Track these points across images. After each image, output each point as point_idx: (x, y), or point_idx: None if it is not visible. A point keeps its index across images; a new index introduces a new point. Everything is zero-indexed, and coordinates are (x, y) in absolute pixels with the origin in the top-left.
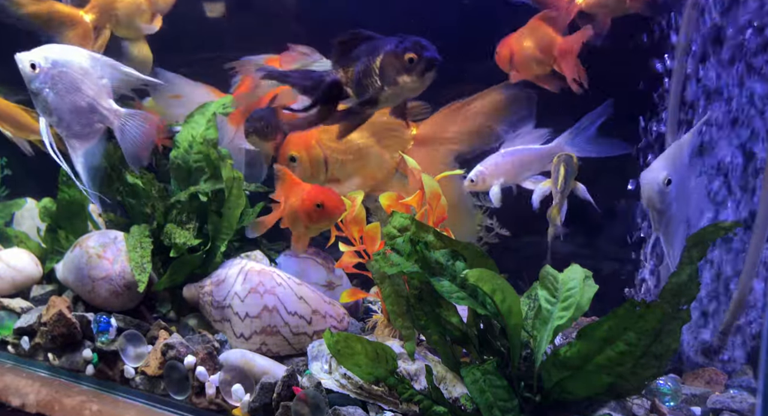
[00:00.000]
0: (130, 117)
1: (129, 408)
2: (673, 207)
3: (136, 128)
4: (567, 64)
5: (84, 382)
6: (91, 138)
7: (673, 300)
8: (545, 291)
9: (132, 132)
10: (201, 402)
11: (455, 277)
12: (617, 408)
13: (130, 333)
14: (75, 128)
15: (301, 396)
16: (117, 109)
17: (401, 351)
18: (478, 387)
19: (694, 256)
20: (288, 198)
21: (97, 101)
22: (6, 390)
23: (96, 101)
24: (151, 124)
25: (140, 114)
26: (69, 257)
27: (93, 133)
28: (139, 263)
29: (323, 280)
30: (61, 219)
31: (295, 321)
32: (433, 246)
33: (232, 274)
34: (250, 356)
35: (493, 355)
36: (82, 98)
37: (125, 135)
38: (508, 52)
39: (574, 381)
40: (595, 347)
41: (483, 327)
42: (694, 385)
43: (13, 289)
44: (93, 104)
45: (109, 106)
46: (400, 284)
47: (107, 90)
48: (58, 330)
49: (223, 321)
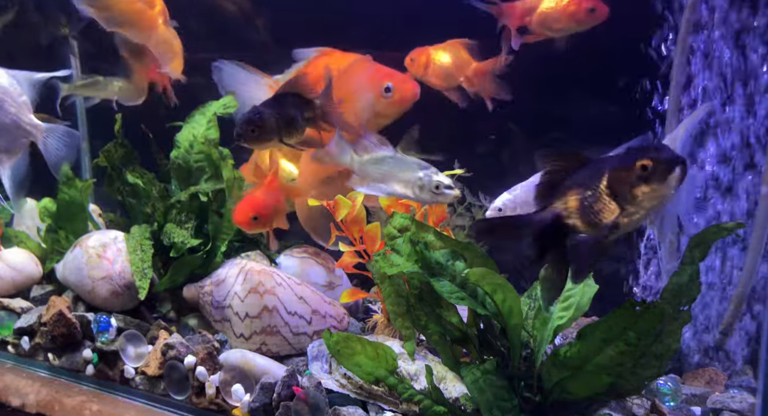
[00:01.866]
0: (52, 131)
1: (129, 408)
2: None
3: (57, 141)
4: (480, 84)
5: (84, 382)
6: (16, 152)
7: (674, 301)
8: None
9: (54, 144)
10: (201, 402)
11: (455, 277)
12: (617, 408)
13: (130, 333)
14: (1, 144)
15: (301, 396)
16: (39, 123)
17: (401, 351)
18: (478, 387)
19: (696, 257)
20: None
21: (20, 118)
22: (6, 390)
23: (18, 118)
24: (72, 139)
25: (61, 129)
26: (69, 257)
27: (18, 147)
28: (140, 268)
29: (323, 280)
30: (61, 219)
31: (295, 321)
32: (433, 246)
33: (232, 274)
34: (250, 356)
35: (493, 355)
36: (6, 115)
37: (48, 147)
38: (426, 60)
39: (574, 381)
40: (595, 347)
41: (483, 327)
42: (694, 385)
43: (13, 289)
44: (16, 121)
45: (31, 122)
46: (400, 284)
47: (28, 106)
48: (58, 330)
49: (223, 321)
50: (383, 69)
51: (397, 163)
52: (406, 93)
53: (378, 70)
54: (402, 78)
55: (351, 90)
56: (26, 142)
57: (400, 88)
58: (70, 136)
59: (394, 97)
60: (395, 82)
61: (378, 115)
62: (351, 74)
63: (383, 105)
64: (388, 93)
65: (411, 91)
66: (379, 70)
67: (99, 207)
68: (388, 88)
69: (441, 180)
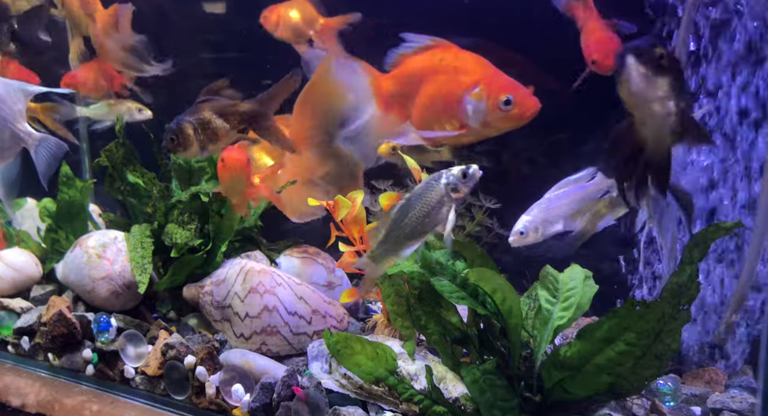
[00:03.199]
0: (44, 140)
1: (129, 408)
2: (667, 198)
3: (47, 151)
4: (326, 39)
5: (84, 382)
6: (8, 156)
7: (673, 301)
8: (545, 291)
9: (44, 153)
10: (201, 402)
11: (455, 277)
12: (617, 408)
13: (130, 333)
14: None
15: (301, 396)
16: (32, 132)
17: (401, 351)
18: (478, 387)
19: (695, 256)
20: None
21: (14, 125)
22: (6, 390)
23: (13, 125)
24: (60, 150)
25: (53, 140)
26: (69, 257)
27: (11, 153)
28: (140, 263)
29: (323, 280)
30: (61, 220)
31: (294, 321)
32: (433, 246)
33: (232, 274)
34: (250, 356)
35: (493, 355)
36: (1, 122)
37: (39, 155)
38: (276, 17)
39: (574, 381)
40: (595, 347)
41: (483, 327)
42: (694, 385)
43: (13, 289)
44: (11, 127)
45: (25, 129)
46: (400, 284)
47: (22, 114)
48: (58, 330)
49: (223, 321)
50: (504, 78)
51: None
52: (526, 111)
53: (498, 78)
54: (525, 93)
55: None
56: (18, 149)
57: (522, 103)
58: (58, 148)
59: (512, 111)
60: (517, 97)
61: (487, 125)
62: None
63: (497, 118)
64: (507, 106)
65: (532, 110)
66: (499, 78)
67: (99, 207)
68: (508, 101)
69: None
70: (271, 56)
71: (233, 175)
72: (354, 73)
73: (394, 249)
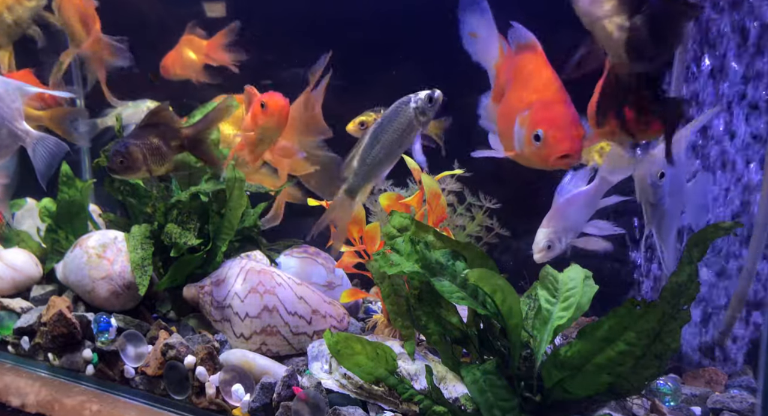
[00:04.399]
0: (42, 139)
1: (129, 408)
2: (666, 201)
3: (46, 149)
4: (217, 56)
5: (84, 382)
6: (4, 155)
7: (673, 300)
8: (545, 291)
9: (42, 152)
10: (201, 402)
11: (455, 277)
12: (617, 408)
13: (130, 333)
14: None
15: (301, 396)
16: (30, 130)
17: (401, 351)
18: (478, 387)
19: (694, 256)
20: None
21: (12, 123)
22: (6, 390)
23: (11, 123)
24: (59, 149)
25: (52, 139)
26: (69, 257)
27: (7, 151)
28: (140, 265)
29: (323, 280)
30: (61, 220)
31: (295, 321)
32: (433, 246)
33: (232, 274)
34: (250, 356)
35: (493, 355)
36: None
37: (36, 154)
38: (172, 63)
39: (574, 381)
40: (595, 347)
41: (483, 327)
42: (694, 385)
43: (13, 289)
44: (8, 125)
45: (23, 128)
46: (400, 284)
47: (20, 113)
48: (58, 330)
49: (223, 321)
50: (554, 110)
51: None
52: (552, 153)
53: (547, 107)
54: (562, 134)
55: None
56: (15, 147)
57: (551, 143)
58: (58, 147)
59: (539, 148)
60: (549, 134)
61: (523, 156)
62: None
63: (529, 151)
64: (537, 141)
65: (557, 153)
66: (548, 107)
67: (99, 207)
68: (538, 137)
69: (424, 94)
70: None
71: (271, 123)
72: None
73: (368, 177)
